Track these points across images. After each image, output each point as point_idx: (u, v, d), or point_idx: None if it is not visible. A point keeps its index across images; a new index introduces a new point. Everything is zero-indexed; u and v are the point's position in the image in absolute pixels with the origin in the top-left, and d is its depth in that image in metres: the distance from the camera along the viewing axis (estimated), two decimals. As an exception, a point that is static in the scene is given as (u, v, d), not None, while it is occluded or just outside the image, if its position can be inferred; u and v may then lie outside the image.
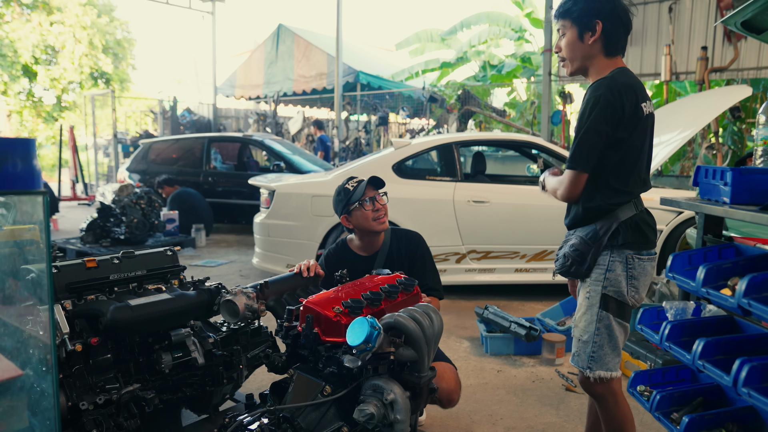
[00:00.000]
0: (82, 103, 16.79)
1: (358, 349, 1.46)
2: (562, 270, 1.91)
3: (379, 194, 2.40)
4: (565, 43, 1.89)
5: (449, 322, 4.07)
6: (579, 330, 1.88)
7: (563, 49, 1.91)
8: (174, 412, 2.07)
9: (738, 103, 6.94)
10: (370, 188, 2.38)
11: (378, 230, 2.39)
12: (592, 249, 1.82)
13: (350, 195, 2.36)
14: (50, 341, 1.36)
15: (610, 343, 1.81)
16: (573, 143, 1.82)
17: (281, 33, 13.32)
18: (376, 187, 2.40)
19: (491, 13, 13.60)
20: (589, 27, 1.82)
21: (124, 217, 6.12)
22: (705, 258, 1.39)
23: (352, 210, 2.36)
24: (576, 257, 1.85)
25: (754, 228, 3.32)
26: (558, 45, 1.93)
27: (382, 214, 2.38)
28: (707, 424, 1.24)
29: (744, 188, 1.27)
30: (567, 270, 1.89)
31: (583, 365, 1.85)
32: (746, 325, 1.39)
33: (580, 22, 1.83)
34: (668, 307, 1.47)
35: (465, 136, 5.58)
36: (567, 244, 1.92)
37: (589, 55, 1.86)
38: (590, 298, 1.85)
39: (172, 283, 2.11)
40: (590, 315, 1.84)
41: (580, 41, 1.85)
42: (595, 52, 1.85)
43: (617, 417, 1.83)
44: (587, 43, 1.84)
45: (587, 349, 1.83)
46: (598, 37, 1.82)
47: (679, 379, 1.49)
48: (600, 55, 1.85)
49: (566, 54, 1.90)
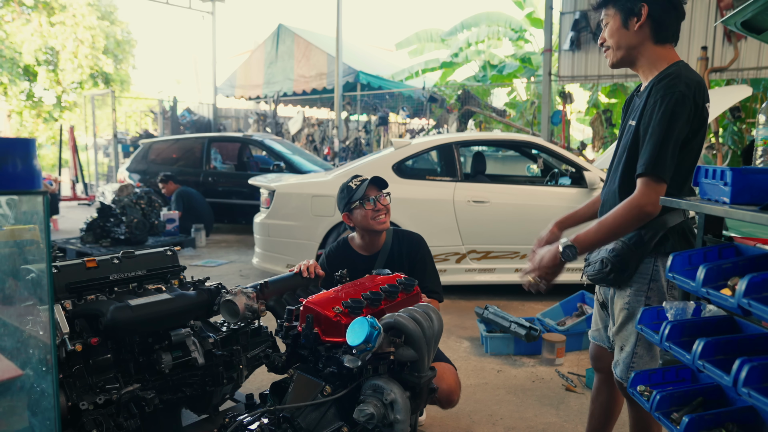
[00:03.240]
0: (82, 103, 16.80)
1: (358, 349, 1.46)
2: (598, 276, 1.77)
3: (382, 194, 2.40)
4: (608, 32, 1.75)
5: (449, 322, 4.07)
6: (620, 339, 1.80)
7: (607, 38, 1.77)
8: (174, 412, 2.06)
9: (738, 103, 6.95)
10: (373, 188, 2.38)
11: (377, 230, 2.38)
12: (636, 255, 1.70)
13: (352, 193, 2.36)
14: (50, 341, 1.36)
15: (650, 353, 1.76)
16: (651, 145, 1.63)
17: (281, 33, 13.32)
18: (379, 187, 2.40)
19: (491, 13, 13.61)
20: (633, 11, 1.69)
21: (124, 217, 6.12)
22: (705, 258, 1.39)
23: (353, 208, 2.37)
24: (617, 263, 1.72)
25: (754, 228, 3.32)
26: (602, 35, 1.79)
27: (383, 214, 2.37)
28: (707, 424, 1.23)
29: (744, 188, 1.27)
30: (604, 276, 1.75)
31: (622, 376, 1.79)
32: (746, 325, 1.39)
33: (623, 7, 1.70)
34: (668, 307, 1.47)
35: (465, 136, 5.58)
36: (603, 249, 1.78)
37: (636, 44, 1.72)
38: (630, 309, 1.75)
39: (172, 283, 2.11)
40: (631, 326, 1.75)
41: (625, 28, 1.71)
42: (643, 39, 1.71)
43: (648, 418, 1.82)
44: (633, 30, 1.70)
45: (627, 360, 1.78)
46: (644, 22, 1.68)
47: (679, 379, 1.49)
48: (648, 42, 1.71)
49: (610, 42, 1.76)
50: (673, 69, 1.68)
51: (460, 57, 14.23)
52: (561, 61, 8.25)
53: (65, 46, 19.35)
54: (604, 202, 1.90)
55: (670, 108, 1.61)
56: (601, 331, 2.01)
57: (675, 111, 1.61)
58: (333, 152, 10.73)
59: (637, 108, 1.76)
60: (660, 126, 1.62)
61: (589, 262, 1.85)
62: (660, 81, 1.67)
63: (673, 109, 1.61)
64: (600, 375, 2.08)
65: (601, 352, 2.03)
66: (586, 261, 1.88)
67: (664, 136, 1.61)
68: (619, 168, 1.79)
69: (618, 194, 1.78)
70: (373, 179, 2.39)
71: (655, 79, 1.69)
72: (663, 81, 1.66)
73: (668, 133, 1.61)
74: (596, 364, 2.07)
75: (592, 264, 1.82)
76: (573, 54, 8.10)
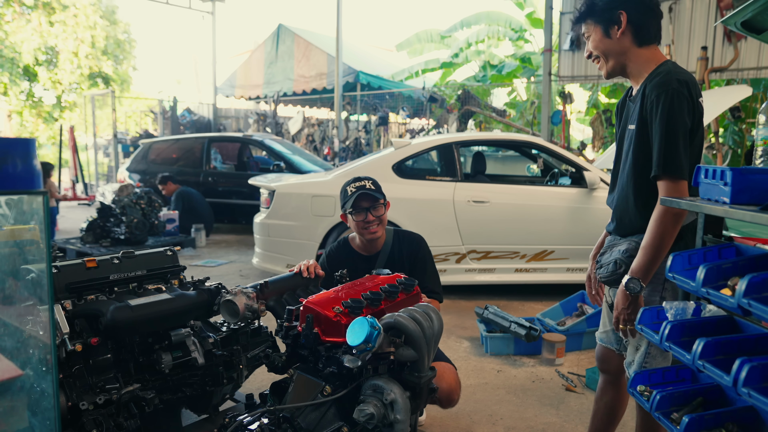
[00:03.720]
0: (82, 103, 16.80)
1: (358, 349, 1.46)
2: (612, 277, 1.76)
3: (375, 206, 2.35)
4: (592, 45, 1.78)
5: (449, 322, 4.07)
6: (635, 339, 1.80)
7: (593, 50, 1.79)
8: (174, 412, 2.06)
9: (738, 103, 6.95)
10: (365, 199, 2.35)
11: (366, 239, 2.39)
12: None
13: (346, 199, 2.37)
14: (50, 341, 1.36)
15: (663, 353, 1.77)
16: (659, 146, 1.63)
17: (281, 33, 13.32)
18: (369, 199, 2.36)
19: (491, 13, 13.61)
20: (613, 20, 1.72)
21: (124, 217, 6.12)
22: (705, 258, 1.39)
23: (347, 213, 2.38)
24: (631, 263, 1.71)
25: (754, 228, 3.32)
26: (587, 49, 1.82)
27: (373, 225, 2.36)
28: (707, 424, 1.23)
29: (744, 188, 1.27)
30: (618, 278, 1.74)
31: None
32: (746, 325, 1.39)
33: (602, 18, 1.74)
34: (668, 307, 1.47)
35: (465, 136, 5.58)
36: (615, 250, 1.78)
37: (622, 51, 1.75)
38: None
39: (172, 283, 2.11)
40: None
41: (608, 38, 1.75)
42: (627, 45, 1.74)
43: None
44: (615, 38, 1.73)
45: (641, 360, 1.78)
46: (625, 29, 1.71)
47: (679, 379, 1.49)
48: (633, 47, 1.74)
49: (598, 53, 1.79)
50: (662, 68, 1.70)
51: (460, 57, 14.24)
52: (561, 61, 8.26)
53: (66, 45, 19.35)
54: (616, 208, 1.88)
55: (668, 105, 1.62)
56: (609, 333, 2.00)
57: (673, 106, 1.62)
58: (333, 152, 10.74)
59: (633, 112, 1.77)
60: (662, 125, 1.63)
61: (601, 264, 1.84)
62: (651, 80, 1.69)
63: (670, 106, 1.62)
64: (605, 376, 2.07)
65: (608, 354, 2.02)
66: (599, 263, 1.87)
67: (669, 134, 1.62)
68: (627, 174, 1.79)
69: (634, 200, 1.78)
70: (360, 194, 2.34)
71: (647, 80, 1.71)
72: (654, 80, 1.67)
73: (672, 129, 1.62)
74: (602, 366, 2.07)
75: (605, 266, 1.81)
76: (573, 54, 8.10)
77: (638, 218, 1.77)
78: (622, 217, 1.84)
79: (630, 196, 1.79)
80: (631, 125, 1.77)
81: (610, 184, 1.96)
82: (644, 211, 1.73)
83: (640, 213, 1.75)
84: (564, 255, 4.59)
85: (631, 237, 1.80)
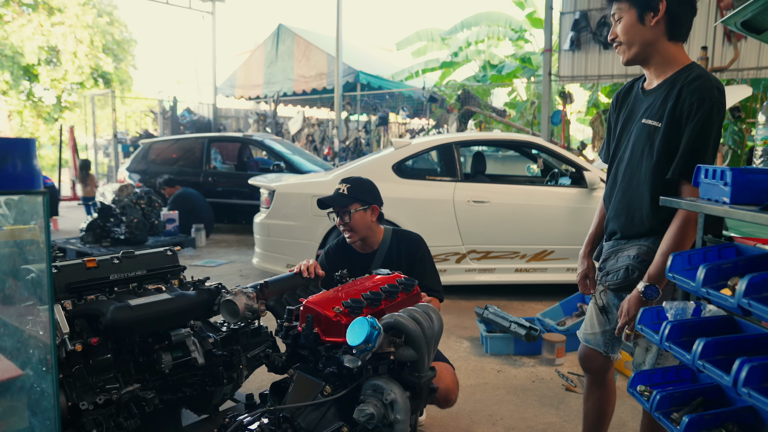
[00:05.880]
0: (83, 103, 16.78)
1: (358, 349, 1.46)
2: (625, 284, 1.73)
3: (342, 212, 2.35)
4: (621, 28, 1.69)
5: (449, 322, 4.07)
6: (646, 341, 1.76)
7: (620, 34, 1.71)
8: (174, 412, 2.06)
9: (738, 103, 6.95)
10: (334, 204, 2.37)
11: (348, 241, 2.42)
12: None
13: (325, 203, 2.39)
14: (50, 341, 1.36)
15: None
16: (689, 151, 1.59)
17: (281, 33, 13.32)
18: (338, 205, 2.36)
19: (491, 12, 13.61)
20: (650, 6, 1.63)
21: (124, 217, 6.12)
22: (705, 258, 1.39)
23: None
24: (644, 268, 1.67)
25: (754, 228, 3.32)
26: (613, 31, 1.73)
27: (346, 231, 2.39)
28: (707, 424, 1.23)
29: (744, 188, 1.27)
30: (631, 284, 1.70)
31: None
32: (746, 325, 1.39)
33: (641, 1, 1.65)
34: (668, 307, 1.47)
35: (465, 136, 5.58)
36: (624, 255, 1.74)
37: (651, 40, 1.67)
38: None
39: (172, 283, 2.11)
40: None
41: (641, 23, 1.66)
42: (658, 35, 1.66)
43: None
44: (648, 26, 1.65)
45: (652, 360, 1.76)
46: (661, 18, 1.63)
47: (679, 379, 1.49)
48: (663, 39, 1.67)
49: (623, 39, 1.70)
50: (696, 70, 1.65)
51: (460, 57, 14.23)
52: (561, 61, 8.26)
53: (66, 46, 19.34)
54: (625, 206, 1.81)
55: (707, 113, 1.59)
56: (597, 335, 1.97)
57: (711, 115, 1.59)
58: (333, 152, 10.74)
59: (653, 107, 1.71)
60: (697, 131, 1.60)
61: (608, 271, 1.81)
62: (690, 83, 1.62)
63: (710, 114, 1.59)
64: (590, 376, 2.07)
65: (592, 355, 2.00)
66: (603, 269, 1.84)
67: (701, 141, 1.59)
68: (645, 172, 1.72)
69: (650, 199, 1.71)
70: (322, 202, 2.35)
71: (679, 80, 1.65)
72: (694, 84, 1.61)
73: (705, 137, 1.59)
74: (585, 365, 2.05)
75: (613, 272, 1.78)
76: (573, 54, 8.10)
77: (651, 218, 1.71)
78: (633, 215, 1.77)
79: (645, 195, 1.73)
80: (650, 120, 1.71)
81: (609, 177, 1.91)
82: (659, 212, 1.67)
83: (654, 213, 1.70)
84: (564, 255, 4.59)
85: (637, 241, 1.75)
